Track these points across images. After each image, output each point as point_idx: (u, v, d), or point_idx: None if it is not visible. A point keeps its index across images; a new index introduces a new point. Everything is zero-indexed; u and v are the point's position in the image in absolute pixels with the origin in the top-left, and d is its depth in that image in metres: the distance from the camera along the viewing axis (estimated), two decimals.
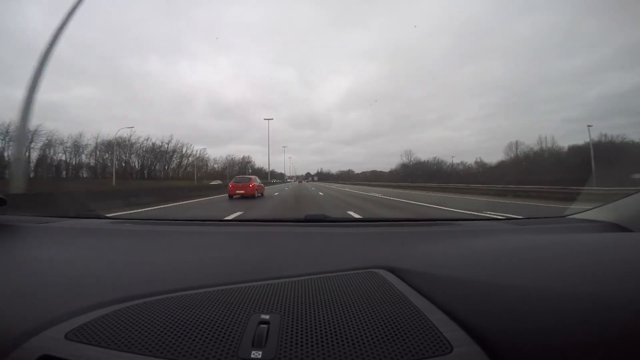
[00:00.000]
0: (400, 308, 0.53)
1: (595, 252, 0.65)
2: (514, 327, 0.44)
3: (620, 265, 0.53)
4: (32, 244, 1.04)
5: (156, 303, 0.56)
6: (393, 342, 0.44)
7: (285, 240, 1.10)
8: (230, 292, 0.60)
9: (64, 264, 0.83)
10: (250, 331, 0.47)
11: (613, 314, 0.40)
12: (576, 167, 29.16)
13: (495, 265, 0.65)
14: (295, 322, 0.50)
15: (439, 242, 0.99)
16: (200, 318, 0.51)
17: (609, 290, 0.45)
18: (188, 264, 0.83)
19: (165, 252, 0.98)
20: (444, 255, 0.81)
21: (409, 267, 0.69)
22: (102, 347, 0.45)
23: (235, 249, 1.00)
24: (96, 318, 0.51)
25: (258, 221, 1.56)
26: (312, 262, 0.82)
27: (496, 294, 0.51)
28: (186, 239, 1.15)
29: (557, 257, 0.64)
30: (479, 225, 1.39)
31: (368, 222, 1.48)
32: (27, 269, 0.78)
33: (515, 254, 0.73)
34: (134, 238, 1.18)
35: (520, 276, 0.55)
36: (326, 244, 1.04)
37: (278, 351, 0.43)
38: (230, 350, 0.43)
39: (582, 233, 1.05)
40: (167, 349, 0.44)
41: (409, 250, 0.91)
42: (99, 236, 1.19)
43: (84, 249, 1.01)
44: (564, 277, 0.52)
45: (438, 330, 0.47)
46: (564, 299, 0.45)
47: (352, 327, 0.48)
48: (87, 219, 1.69)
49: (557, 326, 0.41)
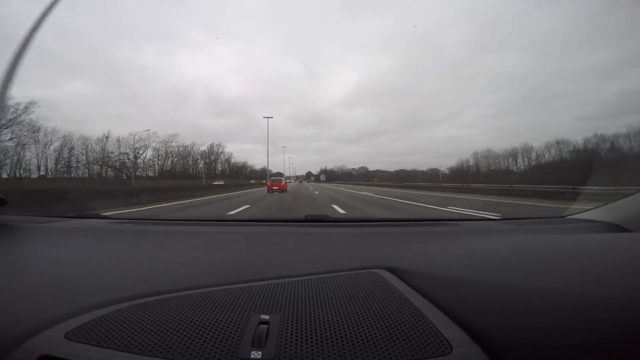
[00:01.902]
0: (400, 308, 0.53)
1: (595, 252, 0.65)
2: (514, 327, 0.44)
3: (620, 266, 0.53)
4: (32, 244, 1.04)
5: (156, 303, 0.56)
6: (393, 343, 0.44)
7: (285, 240, 1.10)
8: (230, 292, 0.60)
9: (64, 264, 0.83)
10: (250, 331, 0.47)
11: (613, 314, 0.40)
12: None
13: (495, 266, 0.65)
14: (295, 322, 0.50)
15: (439, 242, 0.99)
16: (200, 318, 0.51)
17: (609, 290, 0.45)
18: (188, 263, 0.83)
19: (165, 251, 0.98)
20: (444, 256, 0.81)
21: (409, 267, 0.69)
22: (102, 347, 0.45)
23: (235, 249, 1.00)
24: (96, 318, 0.51)
25: (258, 221, 1.56)
26: (312, 262, 0.82)
27: (496, 294, 0.51)
28: (186, 239, 1.15)
29: (557, 257, 0.64)
30: (479, 225, 1.39)
31: (368, 222, 1.47)
32: (27, 269, 0.78)
33: (515, 254, 0.73)
34: (133, 238, 1.18)
35: (520, 276, 0.55)
36: (326, 244, 1.04)
37: (278, 351, 0.43)
38: (230, 351, 0.43)
39: (582, 233, 1.05)
40: (167, 349, 0.44)
41: (409, 250, 0.91)
42: (99, 236, 1.19)
43: (84, 249, 1.01)
44: (564, 277, 0.52)
45: (438, 330, 0.47)
46: (564, 299, 0.45)
47: (352, 328, 0.48)
48: (87, 218, 1.69)
49: (557, 326, 0.41)
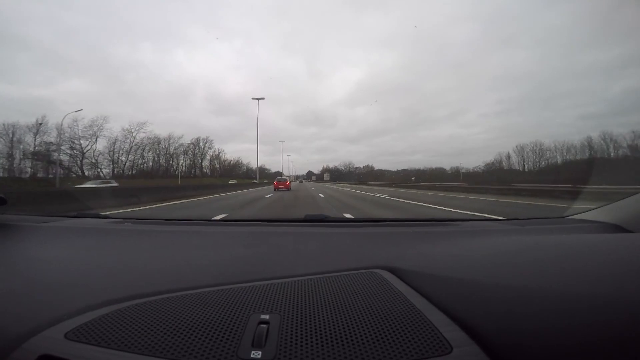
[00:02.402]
0: (400, 308, 0.53)
1: (595, 252, 0.65)
2: (513, 327, 0.44)
3: (620, 266, 0.53)
4: (32, 244, 1.04)
5: (156, 303, 0.56)
6: (393, 342, 0.44)
7: (285, 240, 1.10)
8: (230, 292, 0.60)
9: (64, 263, 0.83)
10: (250, 331, 0.47)
11: (613, 314, 0.40)
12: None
13: (495, 266, 0.65)
14: (295, 322, 0.50)
15: (439, 242, 0.99)
16: (200, 318, 0.51)
17: (609, 290, 0.45)
18: (188, 263, 0.83)
19: (165, 251, 0.98)
20: (444, 256, 0.81)
21: (409, 267, 0.69)
22: (102, 347, 0.45)
23: (235, 249, 1.00)
24: (96, 318, 0.51)
25: (258, 221, 1.56)
26: (312, 262, 0.82)
27: (496, 294, 0.51)
28: (186, 239, 1.15)
29: (557, 258, 0.64)
30: (479, 225, 1.39)
31: (368, 222, 1.47)
32: (27, 269, 0.78)
33: (515, 255, 0.73)
34: (133, 238, 1.18)
35: (521, 276, 0.55)
36: (326, 244, 1.04)
37: (278, 351, 0.43)
38: (230, 350, 0.43)
39: (582, 234, 1.05)
40: (167, 349, 0.44)
41: (409, 250, 0.91)
42: (98, 236, 1.19)
43: (84, 249, 1.01)
44: (564, 278, 0.52)
45: (438, 330, 0.47)
46: (564, 299, 0.45)
47: (352, 327, 0.48)
48: (86, 218, 1.69)
49: (557, 326, 0.41)
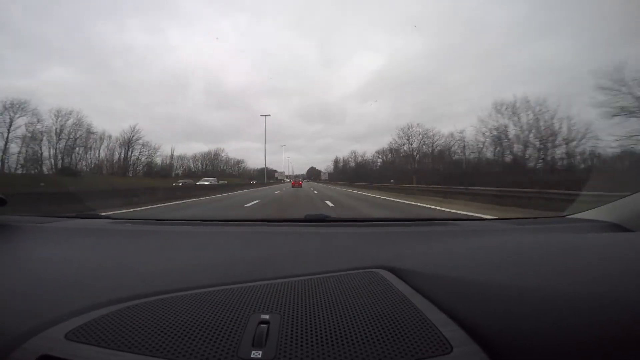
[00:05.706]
0: (400, 308, 0.53)
1: (595, 252, 0.65)
2: (514, 327, 0.44)
3: (620, 265, 0.53)
4: (32, 244, 1.04)
5: (156, 303, 0.56)
6: (393, 342, 0.44)
7: (285, 240, 1.10)
8: (230, 292, 0.60)
9: (64, 263, 0.83)
10: (250, 331, 0.47)
11: (613, 314, 0.40)
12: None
13: (495, 265, 0.65)
14: (295, 322, 0.50)
15: (439, 242, 1.00)
16: (200, 318, 0.51)
17: (609, 290, 0.45)
18: (188, 263, 0.83)
19: (165, 252, 0.98)
20: (444, 255, 0.81)
21: (409, 267, 0.69)
22: (102, 347, 0.45)
23: (235, 249, 1.00)
24: (96, 318, 0.51)
25: (258, 221, 1.56)
26: (312, 262, 0.82)
27: (496, 294, 0.51)
28: (186, 239, 1.15)
29: (557, 257, 0.64)
30: (479, 225, 1.39)
31: (368, 222, 1.48)
32: (27, 269, 0.78)
33: (515, 254, 0.73)
34: (133, 238, 1.18)
35: (521, 276, 0.55)
36: (326, 243, 1.04)
37: (278, 351, 0.43)
38: (230, 350, 0.43)
39: (582, 233, 1.05)
40: (167, 349, 0.44)
41: (409, 250, 0.91)
42: (98, 236, 1.19)
43: (84, 249, 1.01)
44: (563, 277, 0.52)
45: (438, 330, 0.47)
46: (564, 299, 0.46)
47: (352, 327, 0.48)
48: (86, 218, 1.69)
49: (557, 326, 0.41)
